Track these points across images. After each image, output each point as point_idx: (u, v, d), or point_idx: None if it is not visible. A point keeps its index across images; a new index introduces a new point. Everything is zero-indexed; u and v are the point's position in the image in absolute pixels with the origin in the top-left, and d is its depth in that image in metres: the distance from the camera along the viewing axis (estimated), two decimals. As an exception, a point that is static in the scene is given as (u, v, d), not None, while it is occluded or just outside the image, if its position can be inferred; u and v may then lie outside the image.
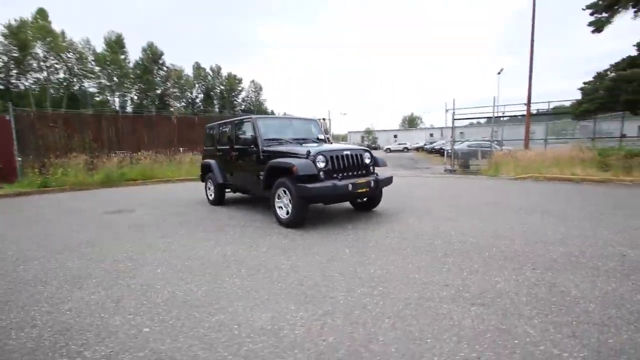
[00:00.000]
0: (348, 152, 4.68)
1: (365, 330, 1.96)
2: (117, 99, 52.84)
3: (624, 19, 9.67)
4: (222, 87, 67.13)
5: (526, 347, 1.77)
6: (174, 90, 56.14)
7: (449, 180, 10.40)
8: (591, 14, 10.48)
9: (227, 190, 6.48)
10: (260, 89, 72.46)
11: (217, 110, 62.50)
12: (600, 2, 9.96)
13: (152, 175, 12.10)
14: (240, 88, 68.64)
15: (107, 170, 11.60)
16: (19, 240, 4.26)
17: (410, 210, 5.38)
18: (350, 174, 4.64)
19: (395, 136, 62.70)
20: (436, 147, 31.47)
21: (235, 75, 66.56)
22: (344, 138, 61.25)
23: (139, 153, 13.09)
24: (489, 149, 17.44)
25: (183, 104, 58.67)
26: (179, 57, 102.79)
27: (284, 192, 4.47)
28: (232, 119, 6.11)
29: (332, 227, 4.43)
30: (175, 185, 10.99)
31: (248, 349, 1.80)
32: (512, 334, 1.89)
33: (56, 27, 45.36)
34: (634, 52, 10.18)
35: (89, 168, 11.40)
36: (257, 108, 68.99)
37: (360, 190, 4.48)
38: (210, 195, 6.68)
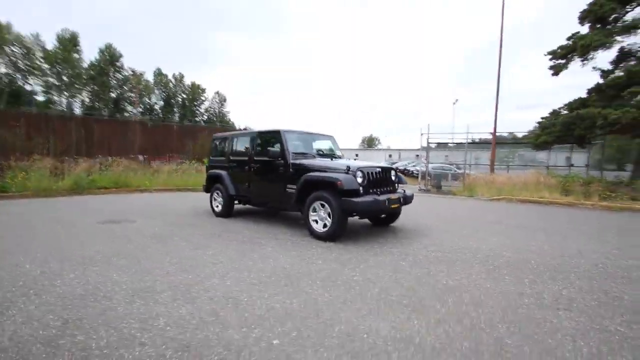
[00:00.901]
0: (379, 169, 4.87)
1: (489, 334, 2.08)
2: (64, 100, 48.26)
3: (577, 65, 11.43)
4: (184, 96, 64.73)
5: (627, 341, 2.03)
6: (132, 94, 52.80)
7: (431, 199, 11.04)
8: (550, 60, 12.16)
9: (236, 202, 6.30)
10: (224, 100, 71.06)
11: (176, 119, 59.87)
12: (558, 52, 11.62)
13: (126, 184, 11.24)
14: (203, 98, 66.74)
15: (76, 176, 10.56)
16: (27, 252, 3.75)
17: (424, 227, 5.66)
18: (381, 189, 4.82)
19: (356, 155, 64.84)
20: (400, 168, 33.14)
21: (199, 85, 64.69)
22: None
23: (110, 159, 12.13)
24: (450, 171, 19.04)
25: (140, 109, 55.28)
26: (140, 61, 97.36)
27: (321, 205, 4.50)
28: (250, 131, 6.03)
29: (364, 241, 4.52)
30: (155, 195, 10.31)
31: (399, 356, 1.83)
32: (609, 332, 2.14)
33: (1, 18, 40.85)
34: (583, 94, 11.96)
35: (56, 173, 10.28)
36: (219, 119, 67.36)
37: (393, 206, 4.67)
38: (217, 206, 6.42)
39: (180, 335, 2.01)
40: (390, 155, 67.36)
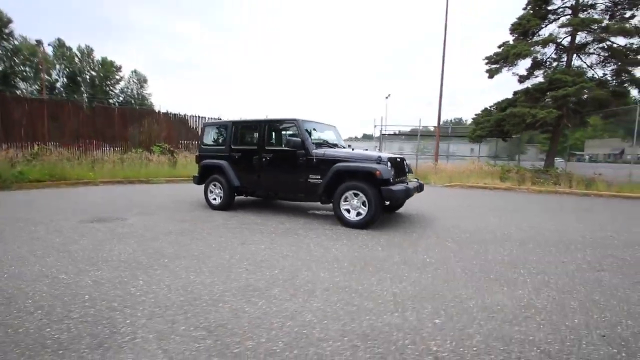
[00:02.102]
0: (399, 159, 5.18)
1: (584, 294, 2.54)
2: None
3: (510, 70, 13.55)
4: (94, 74, 55.97)
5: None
6: (26, 68, 43.60)
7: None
8: (486, 64, 14.00)
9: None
10: (145, 81, 63.62)
11: (85, 99, 51.46)
12: (494, 58, 13.46)
13: (64, 176, 9.55)
14: (118, 77, 58.61)
15: (-4, 167, 8.58)
16: (42, 261, 3.08)
17: (416, 214, 6.17)
18: (401, 178, 5.15)
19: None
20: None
21: (112, 62, 56.48)
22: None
23: (38, 146, 10.08)
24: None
25: (37, 87, 46.05)
26: (36, 30, 79.50)
27: (354, 194, 4.61)
28: (257, 119, 5.72)
29: (389, 228, 4.80)
30: (107, 188, 9.04)
31: (527, 325, 2.14)
32: (648, 286, 2.80)
33: None
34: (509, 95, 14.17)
35: (-32, 164, 8.18)
36: (139, 102, 60.27)
37: (413, 193, 5.04)
38: (214, 199, 6.01)
39: (353, 324, 2.01)
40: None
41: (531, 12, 13.13)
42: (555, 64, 14.21)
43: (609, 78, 13.22)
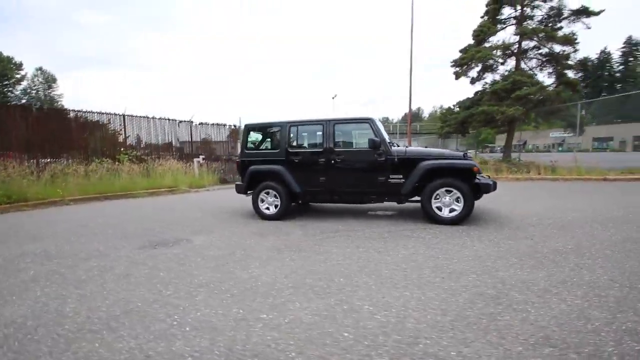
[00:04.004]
0: (465, 154, 5.34)
1: None
2: None
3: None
4: (-16, 71, 46.17)
5: None
6: None
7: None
8: (452, 67, 15.28)
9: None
10: (53, 80, 54.66)
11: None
12: (459, 61, 14.75)
13: (23, 196, 7.70)
14: (19, 76, 49.25)
15: None
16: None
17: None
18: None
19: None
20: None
21: (10, 57, 47.23)
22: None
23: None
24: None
25: None
26: None
27: (446, 191, 4.60)
28: (324, 119, 5.24)
29: (471, 223, 4.92)
30: (85, 207, 7.58)
31: None
32: None
33: None
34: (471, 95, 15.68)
35: None
36: (47, 104, 51.61)
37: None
38: (267, 208, 5.44)
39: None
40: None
41: (489, 20, 14.71)
42: (502, 67, 16.19)
43: (548, 79, 15.54)
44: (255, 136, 5.75)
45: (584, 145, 29.13)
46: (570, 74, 14.84)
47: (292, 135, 5.39)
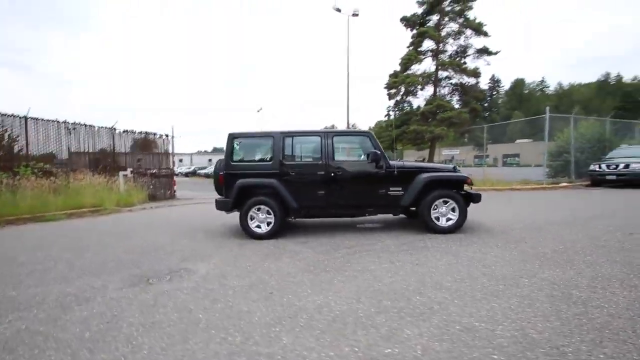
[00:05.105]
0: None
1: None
2: None
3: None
4: None
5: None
6: None
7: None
8: (384, 88, 16.71)
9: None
10: None
11: None
12: (391, 84, 16.25)
13: None
14: None
15: None
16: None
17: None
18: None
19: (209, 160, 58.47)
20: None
21: None
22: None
23: None
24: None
25: None
26: None
27: (444, 202, 4.88)
28: (322, 131, 5.03)
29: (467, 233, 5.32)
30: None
31: None
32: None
33: None
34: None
35: None
36: None
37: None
38: (258, 226, 4.92)
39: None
40: (181, 160, 63.10)
41: (414, 50, 16.66)
42: (420, 92, 18.47)
43: (456, 105, 18.29)
44: (243, 147, 5.19)
45: (468, 162, 34.96)
46: (474, 102, 17.81)
47: (286, 146, 5.04)
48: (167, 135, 13.62)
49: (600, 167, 11.61)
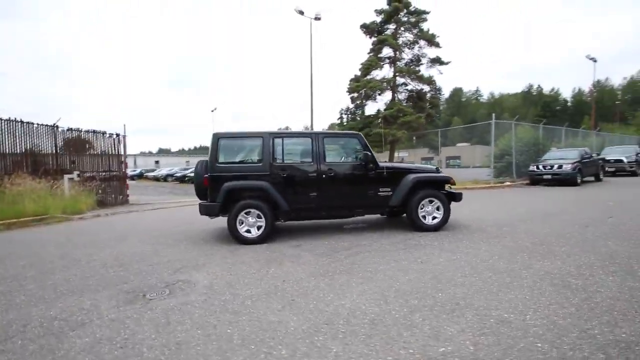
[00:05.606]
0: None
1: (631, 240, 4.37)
2: None
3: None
4: None
5: None
6: None
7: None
8: (347, 92, 17.07)
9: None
10: None
11: None
12: (354, 88, 16.67)
13: None
14: None
15: None
16: None
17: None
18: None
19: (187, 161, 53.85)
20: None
21: None
22: None
23: None
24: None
25: None
26: None
27: (429, 201, 5.10)
28: (312, 132, 4.98)
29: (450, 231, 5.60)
30: None
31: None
32: None
33: None
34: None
35: None
36: None
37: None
38: (247, 230, 4.71)
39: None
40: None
41: (375, 56, 17.27)
42: (379, 97, 19.24)
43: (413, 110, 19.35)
44: (230, 148, 4.91)
45: (417, 163, 37.32)
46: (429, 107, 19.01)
47: (279, 148, 4.89)
48: (117, 135, 12.43)
49: (538, 168, 13.07)
